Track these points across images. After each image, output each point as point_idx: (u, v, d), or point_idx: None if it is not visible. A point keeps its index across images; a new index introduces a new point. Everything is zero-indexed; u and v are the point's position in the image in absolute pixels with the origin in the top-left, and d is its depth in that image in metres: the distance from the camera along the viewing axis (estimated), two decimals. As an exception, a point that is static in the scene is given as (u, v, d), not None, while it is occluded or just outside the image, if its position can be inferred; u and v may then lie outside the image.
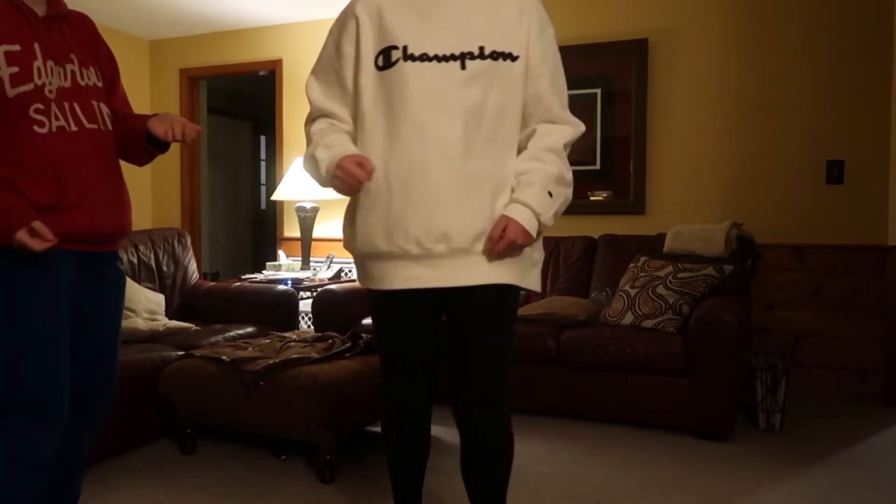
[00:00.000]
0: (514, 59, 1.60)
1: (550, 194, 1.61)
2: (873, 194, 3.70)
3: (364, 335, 2.97)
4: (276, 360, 2.65)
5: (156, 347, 3.03)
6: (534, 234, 1.61)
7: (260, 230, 7.95)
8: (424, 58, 1.57)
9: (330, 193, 4.41)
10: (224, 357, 2.75)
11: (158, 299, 3.60)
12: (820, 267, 3.80)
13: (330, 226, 4.94)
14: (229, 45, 5.30)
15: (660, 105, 4.10)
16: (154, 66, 5.58)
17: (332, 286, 3.87)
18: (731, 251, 3.49)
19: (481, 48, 1.58)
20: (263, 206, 8.04)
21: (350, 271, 4.76)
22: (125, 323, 3.25)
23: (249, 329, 3.53)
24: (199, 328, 3.43)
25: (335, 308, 3.75)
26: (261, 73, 5.37)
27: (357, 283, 4.14)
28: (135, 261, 3.68)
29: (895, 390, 3.64)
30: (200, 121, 5.62)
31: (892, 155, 3.66)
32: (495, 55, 1.59)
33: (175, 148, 5.50)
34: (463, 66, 1.57)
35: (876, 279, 3.69)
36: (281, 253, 4.88)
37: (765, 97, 3.89)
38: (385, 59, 1.61)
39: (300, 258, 4.69)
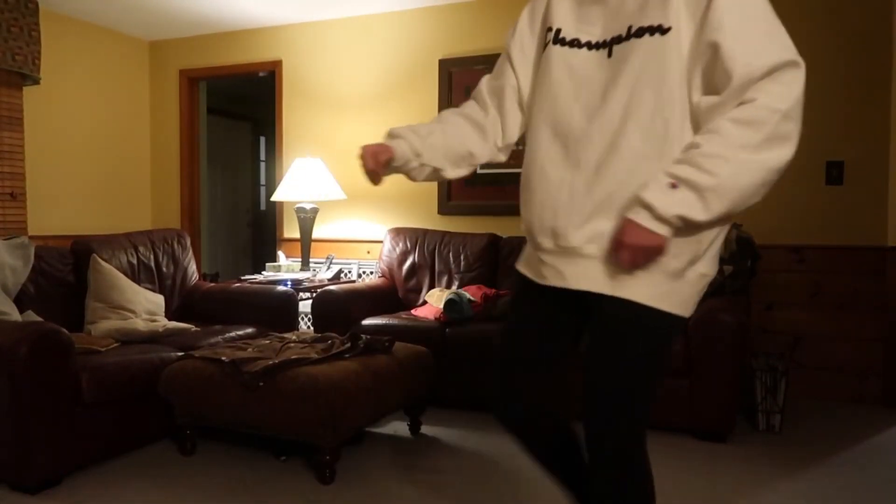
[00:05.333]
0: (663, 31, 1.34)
1: (673, 185, 1.26)
2: (873, 195, 3.70)
3: (364, 336, 2.97)
4: (276, 361, 2.65)
5: (155, 348, 3.03)
6: (654, 233, 1.29)
7: (259, 231, 7.95)
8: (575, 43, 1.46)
9: (329, 195, 4.45)
10: (223, 358, 2.74)
11: (158, 300, 3.60)
12: (819, 267, 3.80)
13: (329, 226, 4.94)
14: (229, 46, 5.30)
15: (659, 106, 4.10)
16: (154, 67, 5.58)
17: (332, 287, 3.87)
18: (731, 252, 3.49)
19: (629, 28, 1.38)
20: (263, 206, 8.04)
21: (349, 272, 4.76)
22: (124, 324, 3.25)
23: (249, 330, 3.53)
24: (198, 329, 3.42)
25: (335, 309, 3.75)
26: (260, 74, 5.37)
27: (356, 284, 4.15)
28: (134, 261, 3.68)
29: (895, 391, 3.64)
30: (200, 121, 5.62)
31: (891, 155, 3.66)
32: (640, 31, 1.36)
33: (174, 148, 5.51)
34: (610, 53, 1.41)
35: (876, 279, 3.69)
36: (280, 254, 4.88)
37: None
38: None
39: (300, 259, 4.69)
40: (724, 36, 1.28)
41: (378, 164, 1.53)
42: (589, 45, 1.44)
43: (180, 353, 3.00)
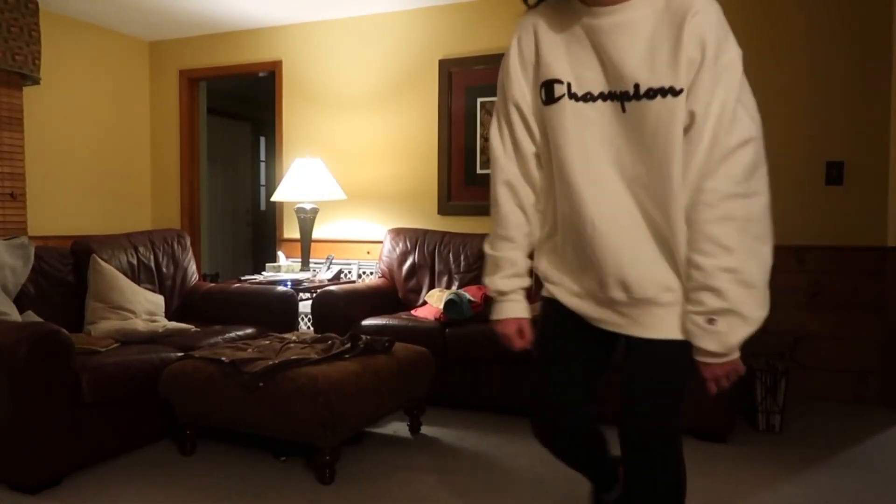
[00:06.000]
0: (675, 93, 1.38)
1: (712, 321, 1.45)
2: (873, 195, 3.70)
3: (364, 336, 2.97)
4: (276, 362, 2.65)
5: (155, 348, 3.03)
6: (733, 356, 1.53)
7: (259, 231, 7.95)
8: (588, 97, 1.48)
9: (329, 195, 4.45)
10: (223, 358, 2.74)
11: (158, 300, 3.60)
12: (819, 268, 3.80)
13: (329, 227, 4.94)
14: (229, 47, 5.30)
15: (659, 106, 4.10)
16: (154, 68, 5.58)
17: (332, 287, 3.87)
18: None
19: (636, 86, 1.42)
20: (263, 207, 8.04)
21: (349, 272, 4.76)
22: (124, 324, 3.25)
23: (249, 330, 3.53)
24: (198, 329, 3.42)
25: (335, 309, 3.74)
26: (260, 75, 5.37)
27: (356, 284, 4.15)
28: (134, 262, 3.68)
29: (894, 391, 3.64)
30: (200, 122, 5.62)
31: (891, 155, 3.66)
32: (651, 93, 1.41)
33: (174, 148, 5.51)
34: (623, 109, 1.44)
35: (876, 280, 3.69)
36: (280, 254, 4.88)
37: (763, 98, 3.88)
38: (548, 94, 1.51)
39: (300, 259, 4.69)
40: (702, 109, 1.36)
41: (528, 340, 1.69)
42: (603, 97, 1.46)
43: (180, 354, 3.00)
